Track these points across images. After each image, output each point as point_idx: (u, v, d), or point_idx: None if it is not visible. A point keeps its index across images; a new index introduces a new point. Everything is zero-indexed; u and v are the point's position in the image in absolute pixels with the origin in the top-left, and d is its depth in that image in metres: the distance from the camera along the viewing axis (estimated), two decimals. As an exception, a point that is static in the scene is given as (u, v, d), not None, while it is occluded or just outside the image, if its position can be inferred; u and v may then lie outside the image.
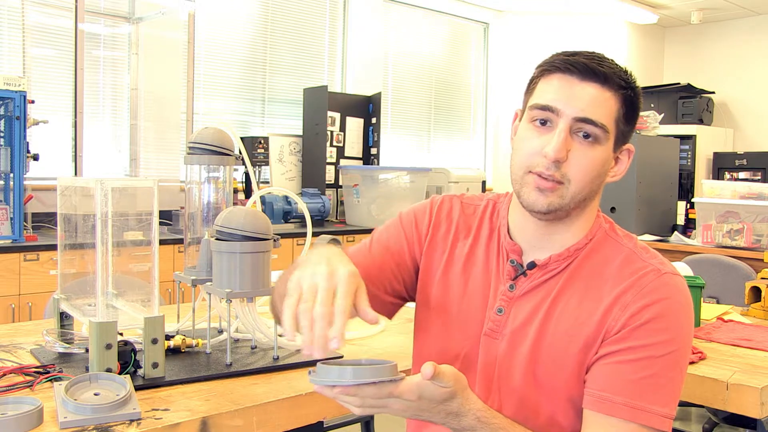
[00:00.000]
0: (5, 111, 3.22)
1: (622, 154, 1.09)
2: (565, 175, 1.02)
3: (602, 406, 0.98)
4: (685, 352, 1.01)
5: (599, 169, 1.04)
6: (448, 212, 1.20)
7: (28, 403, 1.08)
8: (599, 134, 1.02)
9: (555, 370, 1.03)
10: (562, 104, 1.01)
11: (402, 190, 4.93)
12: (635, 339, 0.99)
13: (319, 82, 5.17)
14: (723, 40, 6.63)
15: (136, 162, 4.31)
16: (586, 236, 1.09)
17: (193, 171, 1.56)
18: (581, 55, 1.04)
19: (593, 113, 1.01)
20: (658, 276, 1.02)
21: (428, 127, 6.09)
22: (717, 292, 3.16)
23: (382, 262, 1.19)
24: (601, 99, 1.02)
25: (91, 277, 1.29)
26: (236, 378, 1.31)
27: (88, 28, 4.02)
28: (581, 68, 1.02)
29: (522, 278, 1.09)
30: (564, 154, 1.01)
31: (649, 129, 4.56)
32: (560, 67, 1.03)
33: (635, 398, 0.97)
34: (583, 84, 1.02)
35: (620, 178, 1.11)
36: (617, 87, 1.03)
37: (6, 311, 3.15)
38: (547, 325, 1.05)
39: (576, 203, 1.04)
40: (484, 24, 6.44)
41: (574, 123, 1.01)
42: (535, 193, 1.03)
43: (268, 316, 1.46)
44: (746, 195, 3.97)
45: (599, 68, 1.02)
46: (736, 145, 6.44)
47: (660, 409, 0.98)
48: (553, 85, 1.03)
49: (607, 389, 0.99)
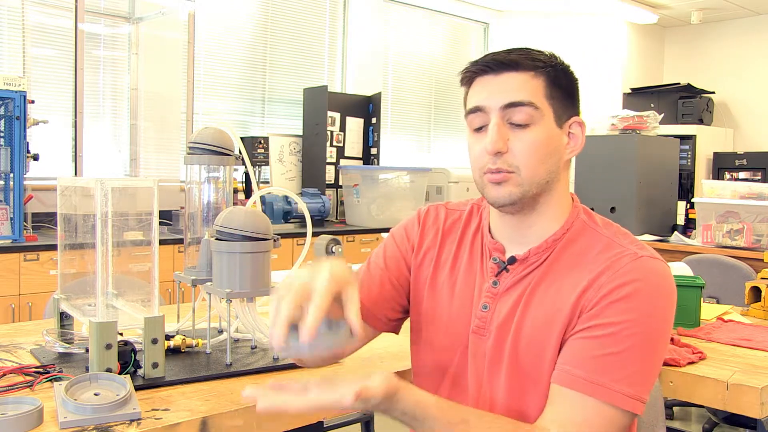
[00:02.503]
0: (5, 111, 3.22)
1: (573, 128, 1.11)
2: (512, 165, 1.05)
3: (563, 379, 0.99)
4: (658, 335, 1.00)
5: (545, 148, 1.06)
6: (434, 220, 1.24)
7: (28, 403, 1.08)
8: (531, 113, 1.05)
9: (537, 357, 1.04)
10: (487, 100, 1.07)
11: (402, 190, 4.93)
12: (605, 316, 0.99)
13: (319, 82, 5.17)
14: (723, 40, 6.63)
15: (136, 162, 4.31)
16: (563, 227, 1.10)
17: (193, 171, 1.56)
18: (490, 54, 1.09)
19: (516, 96, 1.05)
20: (634, 259, 1.03)
21: (428, 127, 6.09)
22: (717, 292, 3.16)
23: (381, 281, 1.22)
24: (520, 82, 1.06)
25: (91, 277, 1.29)
26: (236, 378, 1.31)
27: (88, 28, 4.02)
28: (492, 64, 1.07)
29: (504, 274, 1.11)
30: (502, 145, 1.04)
31: (649, 129, 4.56)
32: (475, 71, 1.10)
33: (597, 374, 0.97)
34: (500, 76, 1.07)
35: (579, 151, 1.11)
36: (534, 68, 1.06)
37: (6, 311, 3.15)
38: (527, 314, 1.07)
39: (537, 186, 1.06)
40: (484, 24, 6.44)
41: (503, 112, 1.05)
42: (494, 189, 1.07)
43: (268, 316, 1.47)
44: (746, 195, 3.97)
45: (507, 57, 1.07)
46: (736, 145, 6.44)
47: (623, 388, 0.96)
48: (476, 89, 1.10)
49: (570, 363, 0.99)
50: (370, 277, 1.24)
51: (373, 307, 1.22)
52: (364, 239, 4.53)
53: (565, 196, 1.12)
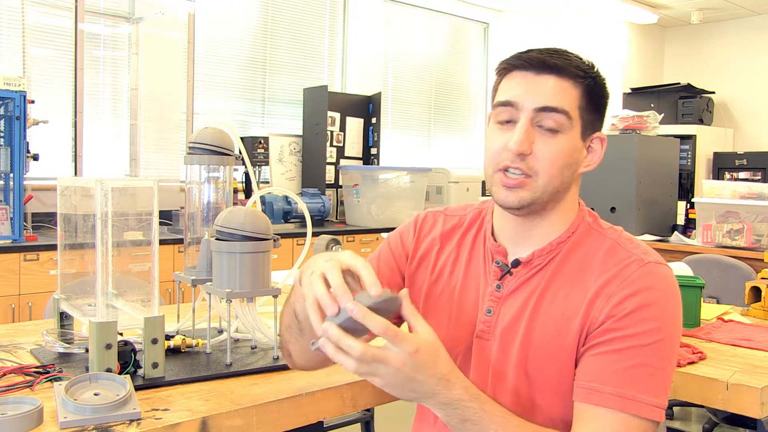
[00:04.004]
0: (5, 111, 3.22)
1: (594, 143, 1.10)
2: (531, 168, 1.03)
3: (591, 397, 0.98)
4: (672, 341, 1.01)
5: (567, 158, 1.05)
6: (431, 226, 1.23)
7: (28, 403, 1.08)
8: (563, 121, 1.03)
9: (546, 365, 1.04)
10: (521, 98, 1.04)
11: (402, 190, 4.93)
12: (621, 329, 0.99)
13: (319, 82, 5.17)
14: (723, 40, 6.63)
15: (136, 162, 4.31)
16: (568, 229, 1.09)
17: (193, 171, 1.56)
18: (535, 51, 1.06)
19: (553, 101, 1.03)
20: (641, 266, 1.02)
21: (428, 127, 6.09)
22: (717, 292, 3.15)
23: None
24: (559, 88, 1.03)
25: (91, 277, 1.29)
26: (236, 378, 1.31)
27: (88, 28, 4.02)
28: (535, 62, 1.04)
29: (508, 277, 1.10)
30: (527, 147, 1.02)
31: (649, 129, 4.56)
32: (516, 64, 1.06)
33: (624, 387, 0.97)
34: (540, 77, 1.04)
35: (595, 167, 1.11)
36: (575, 76, 1.04)
37: (6, 311, 3.15)
38: (535, 320, 1.05)
39: (549, 195, 1.05)
40: (484, 24, 6.44)
41: (535, 114, 1.03)
42: (504, 191, 1.05)
43: (268, 316, 1.47)
44: (746, 195, 3.97)
45: (552, 60, 1.04)
46: (736, 145, 6.44)
47: (650, 399, 0.97)
48: (511, 83, 1.06)
49: (595, 380, 0.98)
50: None
51: None
52: (364, 239, 4.53)
53: (573, 203, 1.12)
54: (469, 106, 6.40)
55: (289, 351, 1.17)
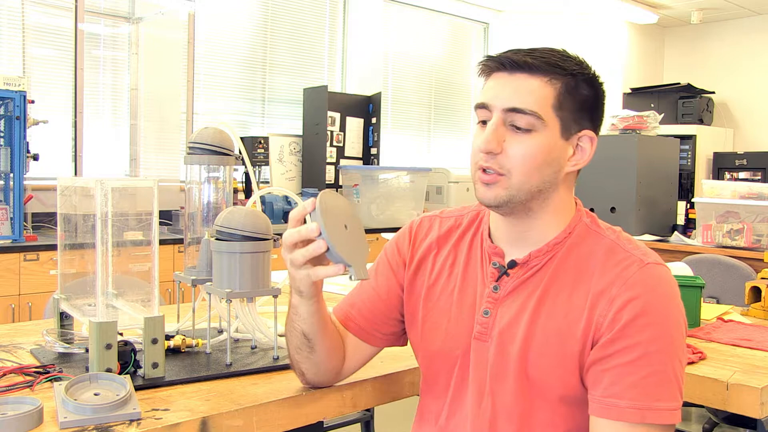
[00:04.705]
0: (5, 111, 3.22)
1: (582, 142, 1.08)
2: (503, 166, 1.03)
3: (609, 412, 0.98)
4: (679, 341, 1.01)
5: (543, 156, 1.03)
6: (426, 232, 1.23)
7: (28, 403, 1.08)
8: (533, 122, 1.02)
9: (548, 368, 1.03)
10: (493, 99, 1.04)
11: (402, 190, 4.93)
12: (627, 338, 0.99)
13: (319, 82, 5.17)
14: (723, 40, 6.63)
15: (136, 162, 4.31)
16: (565, 230, 1.09)
17: (193, 171, 1.56)
18: (511, 51, 1.06)
19: (520, 102, 1.02)
20: (641, 267, 1.02)
21: (428, 127, 6.09)
22: (717, 292, 3.16)
23: (371, 297, 1.23)
24: (530, 88, 1.03)
25: (91, 277, 1.29)
26: (236, 378, 1.31)
27: (88, 28, 4.02)
28: (507, 63, 1.04)
29: (505, 278, 1.10)
30: (495, 146, 1.03)
31: (649, 129, 4.56)
32: (491, 66, 1.07)
33: (640, 399, 0.97)
34: (513, 76, 1.04)
35: (584, 166, 1.09)
36: (550, 74, 1.03)
37: (6, 311, 3.15)
38: (536, 322, 1.05)
39: (527, 194, 1.04)
40: (484, 24, 6.44)
41: (505, 115, 1.03)
42: (482, 187, 1.06)
43: (268, 316, 1.47)
44: (746, 195, 3.97)
45: (524, 59, 1.03)
46: (736, 145, 6.44)
47: (667, 404, 0.97)
48: (488, 84, 1.07)
49: (611, 395, 0.98)
50: (361, 294, 1.24)
51: (366, 324, 1.22)
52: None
53: (567, 203, 1.11)
54: (469, 106, 6.40)
55: (301, 371, 1.20)
